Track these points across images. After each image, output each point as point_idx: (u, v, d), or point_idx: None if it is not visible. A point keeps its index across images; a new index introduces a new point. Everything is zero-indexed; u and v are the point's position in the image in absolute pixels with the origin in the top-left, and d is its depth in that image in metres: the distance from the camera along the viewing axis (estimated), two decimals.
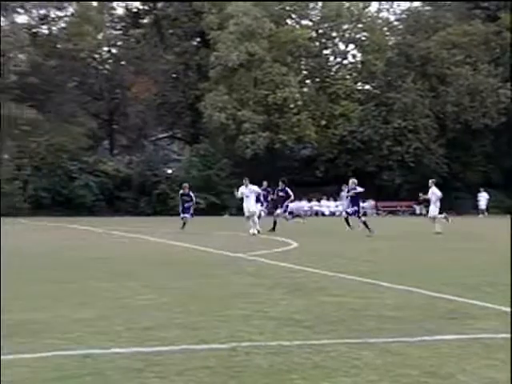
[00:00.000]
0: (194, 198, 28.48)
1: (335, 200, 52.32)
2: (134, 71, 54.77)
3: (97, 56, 56.44)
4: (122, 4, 58.37)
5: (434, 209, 26.67)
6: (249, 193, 25.58)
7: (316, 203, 53.02)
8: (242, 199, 26.28)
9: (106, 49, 57.43)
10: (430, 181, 27.35)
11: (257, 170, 50.47)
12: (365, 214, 27.79)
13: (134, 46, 55.36)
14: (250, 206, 25.40)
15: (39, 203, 46.38)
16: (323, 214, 51.82)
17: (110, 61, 58.30)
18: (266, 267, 13.83)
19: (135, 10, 59.17)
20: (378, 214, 51.64)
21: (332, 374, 5.56)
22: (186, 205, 28.00)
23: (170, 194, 47.07)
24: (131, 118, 56.91)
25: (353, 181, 25.97)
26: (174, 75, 57.32)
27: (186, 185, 29.30)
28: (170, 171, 54.06)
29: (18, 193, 45.90)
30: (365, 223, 24.73)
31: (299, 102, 52.01)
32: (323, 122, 55.12)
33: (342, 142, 54.59)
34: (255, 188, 26.21)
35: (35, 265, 14.30)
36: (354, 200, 25.63)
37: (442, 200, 27.07)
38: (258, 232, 25.00)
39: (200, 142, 54.53)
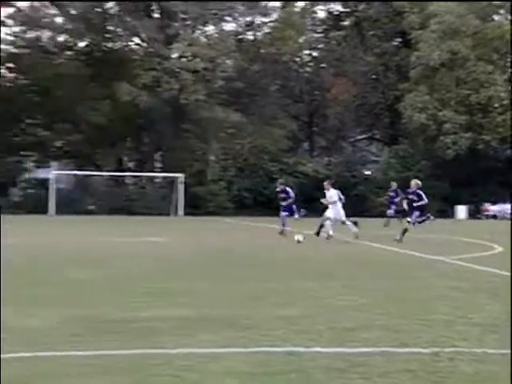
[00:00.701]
0: (292, 195, 24.56)
1: None
2: (334, 73, 55.26)
3: (298, 59, 57.62)
4: (324, 7, 59.13)
5: None
6: (330, 197, 22.44)
7: None
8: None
9: (307, 52, 58.49)
10: None
11: (458, 171, 49.11)
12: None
13: (334, 48, 55.88)
14: (330, 210, 22.18)
15: (242, 203, 48.12)
16: None
17: (311, 63, 59.28)
18: (468, 271, 13.45)
19: (336, 13, 59.70)
20: None
21: None
22: (284, 203, 24.54)
23: (368, 196, 47.06)
24: (330, 120, 57.48)
25: (416, 182, 22.41)
26: (374, 76, 57.14)
27: (281, 180, 25.87)
28: (368, 172, 53.99)
29: (223, 193, 47.97)
30: (405, 230, 21.81)
31: (505, 102, 49.83)
32: None
33: None
34: (335, 193, 22.64)
35: (239, 264, 14.92)
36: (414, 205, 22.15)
37: None
38: (317, 234, 22.09)
39: (399, 143, 53.93)
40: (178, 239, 22.55)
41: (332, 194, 22.48)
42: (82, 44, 52.34)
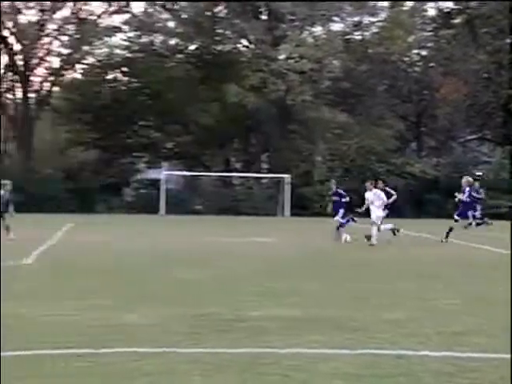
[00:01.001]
0: (344, 196, 23.71)
1: None
2: (443, 72, 54.09)
3: (406, 59, 56.73)
4: (434, 5, 57.99)
5: None
6: (373, 198, 21.59)
7: None
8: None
9: (415, 51, 57.51)
10: None
11: None
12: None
13: (444, 46, 54.68)
14: (373, 213, 21.31)
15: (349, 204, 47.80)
16: None
17: (420, 63, 58.29)
18: None
19: (447, 11, 58.43)
20: None
21: None
22: (336, 206, 23.57)
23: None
24: (439, 120, 56.30)
25: (467, 180, 21.86)
26: (486, 75, 55.53)
27: (333, 181, 24.96)
28: (479, 173, 52.53)
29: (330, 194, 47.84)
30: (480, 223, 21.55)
31: None
32: None
33: None
34: (381, 194, 21.83)
35: (344, 265, 14.91)
36: (468, 204, 21.84)
37: None
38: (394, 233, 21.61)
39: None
40: (285, 240, 22.72)
41: (378, 194, 21.79)
42: (192, 47, 53.46)
